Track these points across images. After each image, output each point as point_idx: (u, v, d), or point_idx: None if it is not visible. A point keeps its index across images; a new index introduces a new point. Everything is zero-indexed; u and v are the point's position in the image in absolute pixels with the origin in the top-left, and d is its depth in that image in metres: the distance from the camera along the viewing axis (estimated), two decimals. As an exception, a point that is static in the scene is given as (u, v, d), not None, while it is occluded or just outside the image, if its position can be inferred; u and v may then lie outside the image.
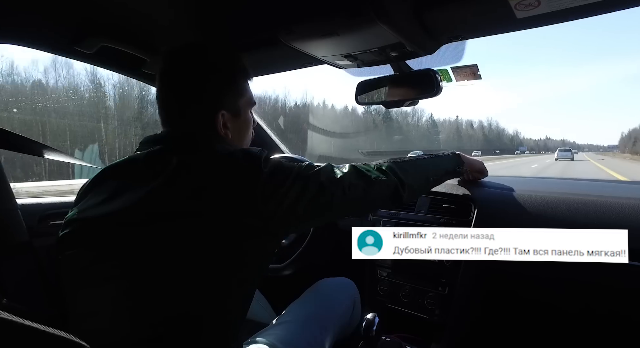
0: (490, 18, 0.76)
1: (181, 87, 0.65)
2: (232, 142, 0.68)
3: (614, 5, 0.67)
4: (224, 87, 0.66)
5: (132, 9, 0.79)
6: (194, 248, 0.53)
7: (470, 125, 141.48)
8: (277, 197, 0.57)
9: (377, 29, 0.72)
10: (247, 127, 0.72)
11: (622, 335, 0.95)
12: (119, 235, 0.55)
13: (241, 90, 0.69)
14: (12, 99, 17.64)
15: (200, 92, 0.65)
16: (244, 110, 0.70)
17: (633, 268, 0.83)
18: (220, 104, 0.66)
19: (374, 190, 0.69)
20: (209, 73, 0.65)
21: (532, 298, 1.02)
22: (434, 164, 0.87)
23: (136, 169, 0.61)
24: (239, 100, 0.68)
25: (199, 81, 0.64)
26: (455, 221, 1.07)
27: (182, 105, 0.65)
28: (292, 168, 0.61)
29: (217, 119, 0.65)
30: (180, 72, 0.65)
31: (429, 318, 1.07)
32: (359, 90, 1.02)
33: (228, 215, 0.54)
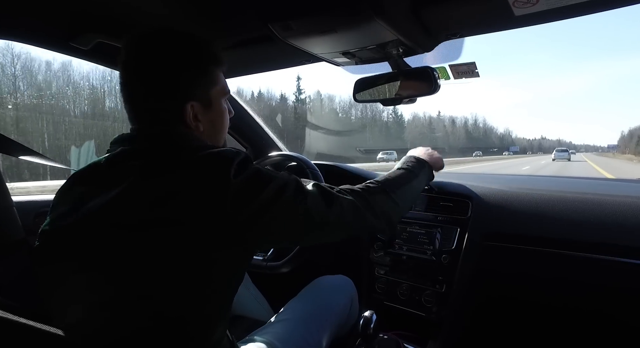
0: (488, 15, 0.76)
1: (145, 77, 0.59)
2: (205, 136, 0.63)
3: (612, 3, 0.67)
4: (193, 76, 0.61)
5: (128, 5, 0.78)
6: (159, 258, 0.50)
7: (452, 122, 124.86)
8: (250, 208, 0.52)
9: (375, 26, 0.72)
10: (221, 119, 0.67)
11: (619, 334, 0.96)
12: (87, 243, 0.53)
13: (213, 79, 0.64)
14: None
15: (165, 82, 0.59)
16: (216, 100, 0.65)
17: (629, 266, 0.84)
18: (190, 95, 0.61)
19: (357, 228, 0.67)
20: (175, 60, 0.60)
21: (528, 297, 1.02)
22: (418, 188, 0.85)
23: (99, 174, 0.58)
24: (210, 90, 0.63)
25: (164, 70, 0.59)
26: (452, 219, 1.07)
27: (147, 97, 0.60)
28: (272, 178, 0.56)
29: (186, 110, 0.60)
30: (143, 60, 0.59)
31: (426, 316, 1.07)
32: (357, 87, 1.02)
33: (192, 224, 0.50)
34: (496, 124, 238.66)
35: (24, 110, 17.65)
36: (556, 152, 37.55)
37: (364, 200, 0.67)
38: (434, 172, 0.95)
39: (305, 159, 1.17)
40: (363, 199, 0.67)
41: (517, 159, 47.96)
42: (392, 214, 0.72)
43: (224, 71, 0.67)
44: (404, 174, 0.82)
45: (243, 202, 0.52)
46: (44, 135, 15.80)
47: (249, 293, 1.19)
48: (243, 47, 0.98)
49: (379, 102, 1.02)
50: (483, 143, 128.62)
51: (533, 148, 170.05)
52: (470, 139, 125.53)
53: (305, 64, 1.08)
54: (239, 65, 1.20)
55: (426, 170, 0.90)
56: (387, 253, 1.15)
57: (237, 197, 0.52)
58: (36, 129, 12.97)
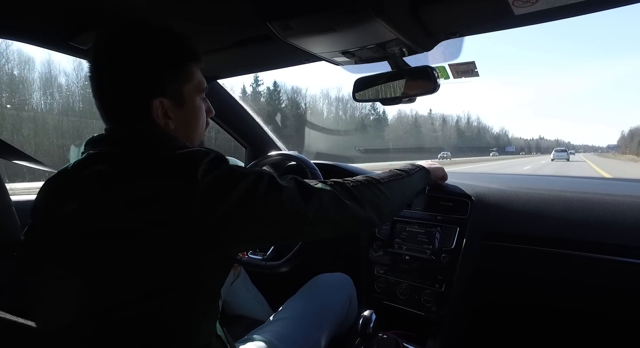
0: (488, 15, 0.76)
1: (110, 70, 0.57)
2: (176, 134, 0.61)
3: (611, 3, 0.67)
4: (163, 71, 0.58)
5: (126, 3, 0.78)
6: (132, 266, 0.49)
7: (442, 120, 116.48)
8: (221, 209, 0.50)
9: (374, 25, 0.72)
10: (195, 117, 0.64)
11: (618, 333, 0.96)
12: (59, 253, 0.52)
13: (186, 75, 0.61)
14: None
15: (132, 76, 0.57)
16: (189, 97, 0.62)
17: (629, 265, 0.84)
18: (159, 90, 0.58)
19: (344, 221, 0.64)
20: (143, 54, 0.57)
21: (527, 297, 1.02)
22: (410, 186, 0.84)
23: (66, 181, 0.57)
24: (183, 86, 0.60)
25: (131, 63, 0.56)
26: (452, 218, 1.07)
27: (113, 92, 0.58)
28: (244, 176, 0.54)
29: (154, 106, 0.57)
30: (110, 53, 0.57)
31: (426, 315, 1.07)
32: (357, 87, 1.02)
33: (161, 231, 0.49)
34: (491, 123, 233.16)
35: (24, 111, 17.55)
36: (555, 152, 38.34)
37: (346, 191, 0.65)
38: (433, 180, 0.97)
39: (305, 159, 1.17)
40: (345, 190, 0.65)
41: (507, 161, 40.97)
42: (382, 205, 0.70)
43: (201, 67, 0.64)
44: (396, 171, 0.83)
45: (212, 203, 0.50)
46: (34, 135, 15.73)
47: (248, 293, 1.19)
48: (242, 46, 0.97)
49: (379, 102, 1.02)
50: (477, 142, 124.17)
51: (531, 148, 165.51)
52: (462, 138, 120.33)
53: (305, 63, 1.08)
54: (239, 64, 1.20)
55: (422, 172, 0.90)
56: (386, 252, 1.15)
57: (206, 199, 0.50)
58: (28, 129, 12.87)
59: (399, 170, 0.84)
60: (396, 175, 0.80)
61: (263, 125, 1.49)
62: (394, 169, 0.84)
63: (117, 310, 0.49)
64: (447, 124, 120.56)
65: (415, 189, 0.87)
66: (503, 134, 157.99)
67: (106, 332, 0.49)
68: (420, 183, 0.90)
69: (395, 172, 0.82)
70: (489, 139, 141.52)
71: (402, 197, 0.80)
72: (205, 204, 0.49)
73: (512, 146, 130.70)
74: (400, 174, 0.82)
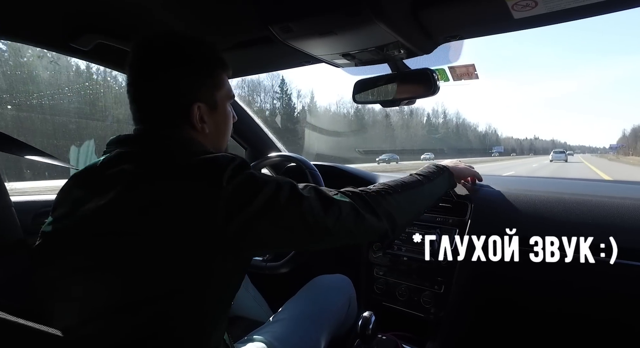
0: (488, 18, 0.76)
1: (151, 77, 0.60)
2: (209, 138, 0.65)
3: (611, 7, 0.68)
4: (200, 79, 0.63)
5: (128, 6, 0.78)
6: (152, 264, 0.50)
7: (409, 113, 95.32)
8: (243, 216, 0.51)
9: (374, 28, 0.72)
10: (225, 121, 0.69)
11: (616, 336, 0.96)
12: (83, 247, 0.53)
13: (218, 83, 0.65)
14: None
15: (174, 84, 0.60)
16: (221, 103, 0.66)
17: (627, 267, 0.84)
18: (197, 96, 0.62)
19: (360, 232, 0.64)
20: (183, 63, 0.61)
21: (526, 299, 1.02)
22: (430, 193, 0.81)
23: (94, 177, 0.58)
24: (216, 93, 0.65)
25: (173, 72, 0.60)
26: (451, 220, 1.08)
27: (154, 98, 0.61)
28: (266, 183, 0.55)
29: (193, 111, 0.61)
30: (152, 62, 0.60)
31: (425, 317, 1.07)
32: (357, 89, 1.02)
33: (184, 233, 0.50)
34: (476, 120, 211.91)
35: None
36: (554, 153, 38.95)
37: (363, 202, 0.66)
38: (457, 180, 0.94)
39: (305, 160, 1.17)
40: (362, 200, 0.66)
41: (487, 164, 30.15)
42: (396, 215, 0.69)
43: (229, 75, 0.68)
44: (417, 178, 0.80)
45: (235, 209, 0.51)
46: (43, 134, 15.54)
47: (248, 294, 1.19)
48: (244, 48, 0.98)
49: (378, 103, 1.02)
50: (454, 142, 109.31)
51: (524, 149, 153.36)
52: (431, 137, 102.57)
53: (305, 65, 1.08)
54: (240, 66, 1.20)
55: (445, 176, 0.87)
56: (385, 254, 1.15)
57: (228, 205, 0.51)
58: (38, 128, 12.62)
59: (419, 175, 0.82)
60: (415, 183, 0.78)
61: (263, 126, 1.49)
62: (414, 174, 0.82)
63: (130, 308, 0.49)
64: (414, 119, 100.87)
65: (436, 195, 0.84)
66: (492, 132, 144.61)
67: (117, 331, 0.50)
68: (442, 188, 0.86)
69: (415, 178, 0.80)
70: (472, 138, 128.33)
71: (420, 206, 0.79)
72: (228, 210, 0.50)
73: (500, 146, 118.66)
74: (420, 181, 0.79)
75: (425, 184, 0.80)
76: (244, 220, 0.51)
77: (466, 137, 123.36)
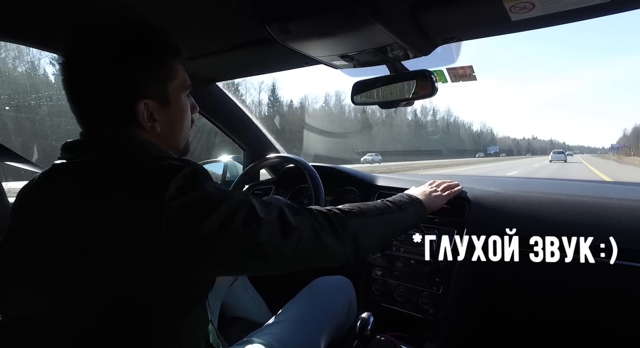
0: (486, 20, 0.76)
1: (88, 73, 0.53)
2: (163, 136, 0.58)
3: (608, 9, 0.68)
4: (145, 71, 0.54)
5: (124, 6, 0.78)
6: (95, 279, 0.46)
7: (394, 111, 73.34)
8: (189, 239, 0.46)
9: (373, 29, 0.72)
10: (181, 117, 0.61)
11: (614, 338, 0.96)
12: (31, 259, 0.49)
13: (170, 74, 0.57)
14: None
15: (112, 79, 0.53)
16: (175, 96, 0.58)
17: (625, 268, 0.85)
18: (142, 92, 0.54)
19: (319, 259, 0.60)
20: (122, 54, 0.53)
21: (524, 300, 1.02)
22: (399, 223, 0.77)
23: (38, 189, 0.53)
24: (167, 86, 0.57)
25: (110, 65, 0.52)
26: (449, 221, 1.08)
27: (93, 97, 0.54)
28: (221, 203, 0.49)
29: (139, 110, 0.54)
30: (86, 56, 0.52)
31: (423, 318, 1.07)
32: (355, 90, 1.02)
33: (126, 253, 0.45)
34: (470, 119, 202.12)
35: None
36: (553, 154, 39.78)
37: (329, 224, 0.61)
38: (429, 212, 0.89)
39: (303, 161, 1.17)
40: (328, 222, 0.62)
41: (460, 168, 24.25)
42: (362, 239, 0.65)
43: (183, 62, 0.60)
44: (388, 204, 0.77)
45: (180, 231, 0.46)
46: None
47: (247, 295, 1.19)
48: (242, 49, 0.98)
49: (377, 105, 1.02)
50: (443, 141, 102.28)
51: (521, 149, 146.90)
52: (419, 136, 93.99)
53: (304, 66, 1.08)
54: (238, 67, 1.21)
55: (417, 208, 0.83)
56: (384, 255, 1.16)
57: (173, 225, 0.45)
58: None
59: (390, 202, 0.78)
60: (386, 209, 0.75)
61: (262, 127, 1.49)
62: (386, 201, 0.79)
63: (82, 320, 0.47)
64: (398, 116, 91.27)
65: (405, 226, 0.81)
66: (487, 132, 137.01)
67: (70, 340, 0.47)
68: (412, 219, 0.82)
69: (387, 204, 0.76)
70: (465, 137, 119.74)
71: (387, 234, 0.76)
72: (172, 231, 0.46)
73: (495, 146, 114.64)
74: (391, 208, 0.76)
75: (395, 212, 0.76)
76: (190, 243, 0.46)
77: (458, 136, 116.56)
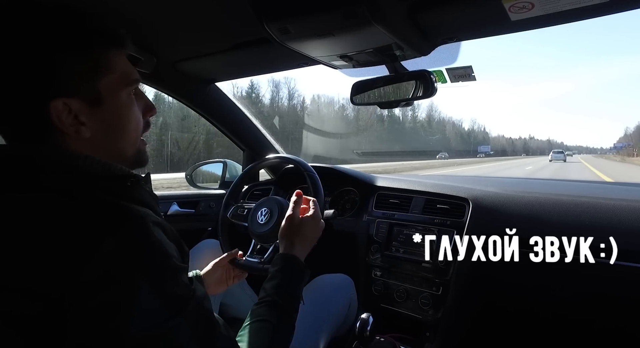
0: (485, 20, 0.76)
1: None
2: (97, 143, 0.47)
3: (607, 9, 0.68)
4: (61, 61, 0.43)
5: (118, 4, 0.78)
6: None
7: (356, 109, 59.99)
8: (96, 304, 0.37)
9: (372, 30, 0.72)
10: (121, 118, 0.49)
11: (614, 338, 0.96)
12: None
13: (101, 65, 0.46)
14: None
15: (20, 73, 0.42)
16: (110, 93, 0.47)
17: (624, 269, 0.85)
18: (61, 88, 0.44)
19: None
20: (35, 41, 0.42)
21: (524, 300, 1.02)
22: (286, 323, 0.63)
23: None
24: (98, 80, 0.46)
25: (17, 54, 0.42)
26: (449, 221, 1.08)
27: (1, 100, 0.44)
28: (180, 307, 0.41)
29: (53, 111, 0.43)
30: None
31: (423, 318, 1.07)
32: (354, 90, 1.02)
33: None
34: (459, 115, 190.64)
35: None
36: (553, 153, 40.14)
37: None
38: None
39: (303, 162, 1.17)
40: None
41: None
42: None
43: (127, 53, 0.51)
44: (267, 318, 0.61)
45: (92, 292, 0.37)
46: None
47: (245, 295, 1.18)
48: (241, 49, 0.98)
49: (376, 105, 1.02)
50: (422, 139, 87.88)
51: (516, 149, 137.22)
52: (394, 133, 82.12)
53: (303, 66, 1.08)
54: (237, 67, 1.20)
55: (298, 272, 0.70)
56: (383, 255, 1.15)
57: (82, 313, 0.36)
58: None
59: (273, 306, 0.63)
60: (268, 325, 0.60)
61: (261, 127, 1.49)
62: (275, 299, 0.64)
63: None
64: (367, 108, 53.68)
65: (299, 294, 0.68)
66: (479, 130, 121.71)
67: None
68: (301, 283, 0.69)
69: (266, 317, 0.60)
70: (450, 135, 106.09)
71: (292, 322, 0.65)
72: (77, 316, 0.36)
73: (487, 145, 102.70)
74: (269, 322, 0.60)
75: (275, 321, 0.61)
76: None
77: (443, 134, 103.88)
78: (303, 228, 0.76)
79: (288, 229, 0.76)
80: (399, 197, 1.21)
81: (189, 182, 1.62)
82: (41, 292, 0.36)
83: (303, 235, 0.75)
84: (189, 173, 1.62)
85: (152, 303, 0.39)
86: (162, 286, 0.41)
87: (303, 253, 0.74)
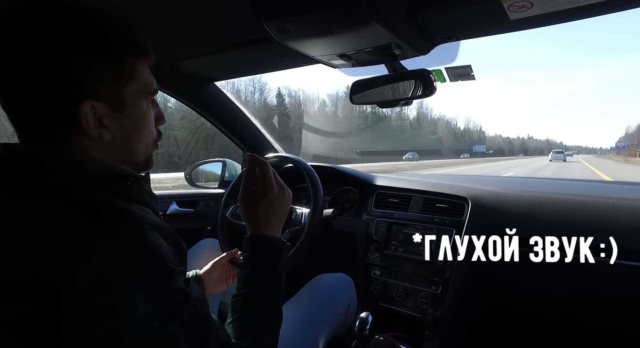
0: (484, 19, 0.76)
1: (20, 66, 0.43)
2: (113, 147, 0.49)
3: (607, 8, 0.68)
4: (95, 67, 0.45)
5: (123, 4, 0.78)
6: None
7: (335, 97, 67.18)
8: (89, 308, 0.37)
9: (371, 29, 0.72)
10: (139, 125, 0.51)
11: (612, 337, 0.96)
12: None
13: (128, 74, 0.48)
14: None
15: (50, 73, 0.43)
16: (133, 101, 0.49)
17: (623, 268, 0.85)
18: (89, 91, 0.45)
19: None
20: (67, 43, 0.43)
21: (523, 300, 1.02)
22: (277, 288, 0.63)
23: None
24: (124, 87, 0.48)
25: (49, 56, 0.43)
26: (448, 220, 1.08)
27: (24, 96, 0.44)
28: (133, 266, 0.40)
29: (82, 112, 0.44)
30: (18, 42, 0.42)
31: (422, 317, 1.07)
32: (354, 89, 1.02)
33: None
34: (453, 113, 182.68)
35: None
36: (553, 153, 40.58)
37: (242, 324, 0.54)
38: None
39: (302, 161, 1.17)
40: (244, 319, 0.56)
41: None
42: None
43: (150, 64, 0.52)
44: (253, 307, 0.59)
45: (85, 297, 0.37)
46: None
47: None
48: (240, 48, 0.98)
49: (376, 104, 1.02)
50: (409, 138, 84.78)
51: (514, 149, 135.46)
52: (377, 131, 78.82)
53: (302, 65, 1.08)
54: (236, 66, 1.20)
55: (268, 252, 0.66)
56: (383, 254, 1.15)
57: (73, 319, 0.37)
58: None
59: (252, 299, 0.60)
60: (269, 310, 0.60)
61: (260, 127, 1.49)
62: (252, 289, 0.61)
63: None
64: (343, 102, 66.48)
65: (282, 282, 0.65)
66: (475, 129, 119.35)
67: None
68: (285, 264, 0.68)
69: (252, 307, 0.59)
70: (444, 134, 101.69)
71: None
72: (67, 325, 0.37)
73: (482, 145, 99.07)
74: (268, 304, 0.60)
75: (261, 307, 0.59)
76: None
77: (435, 133, 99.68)
78: (262, 202, 0.67)
79: (246, 209, 0.68)
80: (398, 196, 1.21)
81: (188, 181, 1.61)
82: (36, 297, 0.36)
83: (265, 208, 0.67)
84: (188, 172, 1.62)
85: (146, 308, 0.39)
86: (157, 292, 0.41)
87: (271, 228, 0.67)
